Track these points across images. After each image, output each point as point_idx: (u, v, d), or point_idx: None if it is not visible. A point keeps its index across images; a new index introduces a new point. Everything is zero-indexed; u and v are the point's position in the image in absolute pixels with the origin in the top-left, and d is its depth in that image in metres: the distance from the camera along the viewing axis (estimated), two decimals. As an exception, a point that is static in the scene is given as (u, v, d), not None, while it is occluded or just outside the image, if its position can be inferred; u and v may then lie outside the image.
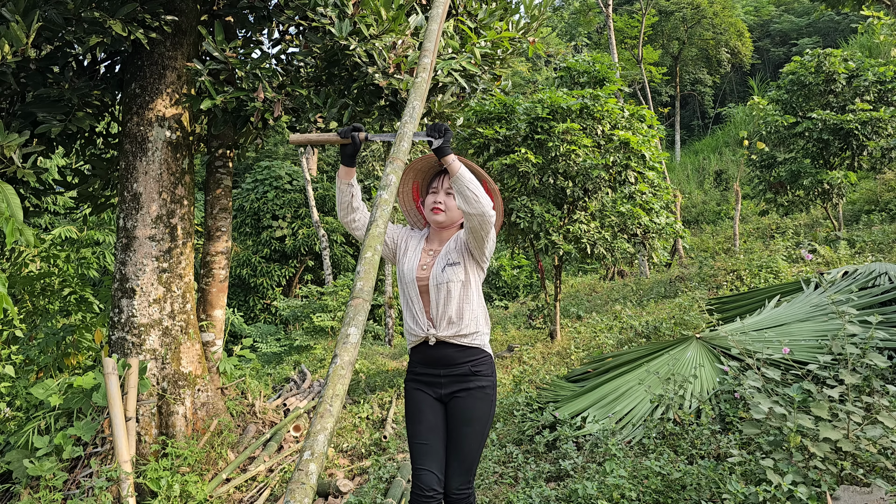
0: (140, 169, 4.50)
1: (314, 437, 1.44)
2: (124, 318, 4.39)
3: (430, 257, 2.44)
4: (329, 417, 1.48)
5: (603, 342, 6.53)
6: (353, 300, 1.69)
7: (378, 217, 1.87)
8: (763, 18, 35.56)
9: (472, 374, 2.35)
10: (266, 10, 4.56)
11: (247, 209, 18.10)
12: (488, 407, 2.37)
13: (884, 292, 4.19)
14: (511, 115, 6.63)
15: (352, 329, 1.63)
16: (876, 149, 9.87)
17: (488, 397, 2.37)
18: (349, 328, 1.63)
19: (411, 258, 2.45)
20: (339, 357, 1.58)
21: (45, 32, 3.73)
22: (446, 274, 2.33)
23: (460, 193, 2.17)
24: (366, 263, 1.77)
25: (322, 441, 1.43)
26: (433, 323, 2.35)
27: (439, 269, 2.35)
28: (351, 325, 1.63)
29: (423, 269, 2.41)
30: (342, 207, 2.40)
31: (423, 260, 2.44)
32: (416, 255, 2.46)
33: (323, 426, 1.46)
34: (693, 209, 20.27)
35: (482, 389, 2.36)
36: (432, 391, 2.39)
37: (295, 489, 1.34)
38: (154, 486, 3.81)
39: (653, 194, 6.95)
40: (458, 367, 2.34)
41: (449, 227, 2.49)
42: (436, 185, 2.46)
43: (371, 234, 1.82)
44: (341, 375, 1.54)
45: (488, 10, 4.74)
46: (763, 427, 2.67)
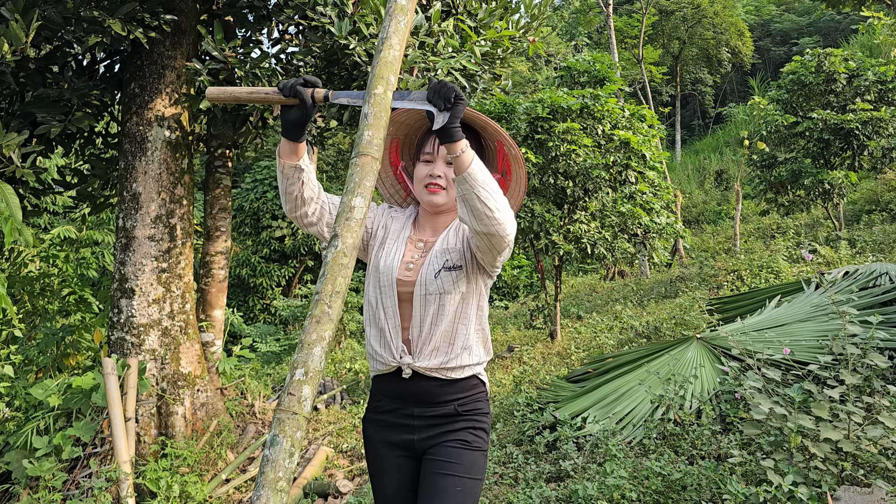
0: (139, 169, 4.49)
1: (308, 350, 1.12)
2: (123, 318, 4.38)
3: (420, 252, 1.74)
4: (327, 322, 1.15)
5: (603, 342, 6.53)
6: (358, 158, 1.27)
7: (392, 33, 1.41)
8: (764, 18, 35.55)
9: (460, 415, 1.69)
10: (265, 9, 4.56)
11: (246, 209, 18.10)
12: (479, 461, 1.68)
13: (884, 292, 4.18)
14: (511, 114, 6.62)
15: (357, 200, 1.25)
16: (877, 148, 9.87)
17: (480, 447, 1.69)
18: (353, 198, 1.25)
19: (391, 250, 1.73)
20: (339, 239, 1.22)
21: (45, 32, 3.72)
22: (441, 281, 1.64)
23: (466, 202, 1.48)
24: (376, 103, 1.33)
25: (318, 355, 1.13)
26: (410, 348, 1.67)
27: (431, 273, 1.65)
28: (356, 194, 1.25)
29: (408, 267, 1.70)
30: (288, 199, 1.66)
31: (408, 255, 1.73)
32: (398, 247, 1.74)
33: (320, 335, 1.14)
34: (694, 209, 20.26)
35: (472, 434, 1.69)
36: (401, 438, 1.71)
37: (284, 419, 1.06)
38: (153, 486, 3.81)
39: (653, 194, 6.94)
40: (439, 407, 1.69)
41: (449, 210, 1.77)
42: (429, 147, 1.70)
43: (383, 59, 1.39)
44: (343, 265, 1.20)
45: (488, 10, 4.73)
46: (764, 427, 2.66)
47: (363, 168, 1.27)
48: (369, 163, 1.28)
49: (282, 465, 1.03)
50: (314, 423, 5.62)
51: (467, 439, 1.69)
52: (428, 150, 1.71)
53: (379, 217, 1.83)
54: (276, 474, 1.02)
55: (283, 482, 1.02)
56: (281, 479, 1.02)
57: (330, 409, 6.00)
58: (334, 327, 1.17)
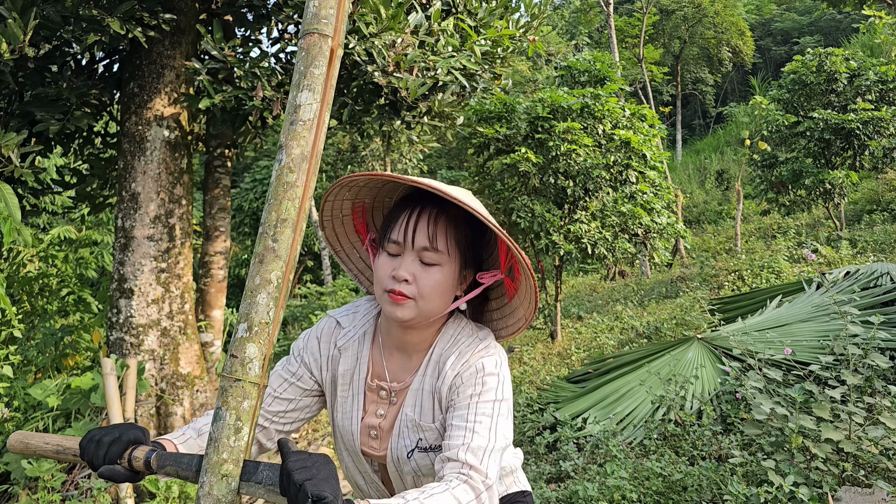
0: (138, 168, 4.48)
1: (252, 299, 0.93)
2: (122, 318, 4.37)
3: (385, 406, 1.27)
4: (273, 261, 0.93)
5: (604, 343, 6.51)
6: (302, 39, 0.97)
7: None
8: (765, 17, 35.54)
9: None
10: (265, 8, 4.55)
11: (245, 209, 18.09)
12: None
13: (885, 292, 4.17)
14: (511, 114, 6.61)
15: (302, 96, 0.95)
16: (877, 148, 9.85)
17: None
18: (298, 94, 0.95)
19: (346, 405, 1.28)
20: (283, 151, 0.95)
21: (43, 31, 3.71)
22: (416, 463, 1.23)
23: None
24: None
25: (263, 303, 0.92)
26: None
27: (403, 451, 1.23)
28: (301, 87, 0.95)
29: (370, 434, 1.27)
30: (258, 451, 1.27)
31: (369, 414, 1.28)
32: (353, 400, 1.28)
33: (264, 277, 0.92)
34: (694, 209, 20.24)
35: None
36: None
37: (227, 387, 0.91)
38: (152, 486, 3.79)
39: (654, 194, 6.93)
40: None
41: (423, 326, 1.25)
42: (397, 234, 1.19)
43: None
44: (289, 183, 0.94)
45: (489, 9, 4.72)
46: (764, 428, 2.64)
47: (308, 51, 0.95)
48: (316, 42, 0.96)
49: (226, 445, 0.87)
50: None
51: None
52: (395, 238, 1.18)
53: (322, 350, 1.31)
54: (220, 456, 0.86)
55: (230, 464, 0.86)
56: (226, 462, 0.86)
57: (330, 409, 5.99)
58: (284, 266, 0.93)
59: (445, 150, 23.97)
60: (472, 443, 1.09)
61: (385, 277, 1.18)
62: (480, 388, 1.16)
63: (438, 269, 1.19)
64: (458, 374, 1.19)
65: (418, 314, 1.19)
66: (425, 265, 1.18)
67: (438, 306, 1.20)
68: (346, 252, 1.41)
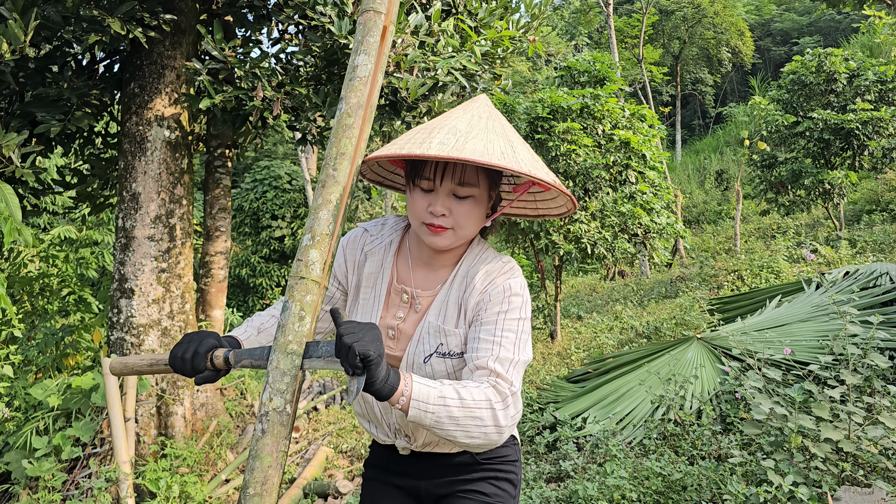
0: (139, 169, 4.48)
1: (315, 215, 1.11)
2: (123, 318, 4.38)
3: (406, 310, 1.33)
4: (333, 185, 1.12)
5: (603, 342, 6.52)
6: (361, 15, 1.21)
7: None
8: (764, 17, 35.55)
9: (478, 463, 1.40)
10: (265, 8, 4.55)
11: (246, 209, 18.09)
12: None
13: (885, 292, 4.17)
14: (511, 114, 6.62)
15: (360, 58, 1.16)
16: (877, 148, 9.86)
17: (503, 499, 1.38)
18: (356, 57, 1.17)
19: (367, 305, 1.35)
20: (343, 101, 1.15)
21: (44, 31, 3.71)
22: (431, 369, 1.28)
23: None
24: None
25: (325, 218, 1.10)
26: (404, 430, 1.37)
27: (420, 355, 1.28)
28: (359, 52, 1.17)
29: (388, 335, 1.33)
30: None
31: (389, 314, 1.34)
32: (375, 300, 1.34)
33: (325, 198, 1.11)
34: (694, 209, 20.25)
35: (493, 486, 1.39)
36: (405, 483, 1.45)
37: (293, 285, 1.07)
38: (153, 486, 3.80)
39: (653, 194, 6.93)
40: (449, 461, 1.40)
41: (454, 248, 1.34)
42: (429, 171, 1.25)
43: None
44: (347, 125, 1.14)
45: (489, 9, 4.73)
46: (764, 427, 2.65)
47: (365, 25, 1.20)
48: (371, 18, 1.20)
49: (292, 329, 1.06)
50: (314, 423, 5.61)
51: (486, 492, 1.37)
52: (427, 176, 1.25)
53: (348, 256, 1.39)
54: (287, 338, 1.04)
55: (294, 345, 1.04)
56: (291, 342, 1.04)
57: (330, 409, 5.99)
58: (341, 190, 1.13)
59: (445, 150, 23.90)
60: (500, 354, 1.20)
61: (421, 212, 1.26)
62: (507, 307, 1.25)
63: (471, 200, 1.26)
64: (485, 290, 1.27)
65: (455, 240, 1.28)
66: (459, 198, 1.25)
67: (473, 230, 1.29)
68: (390, 179, 1.49)
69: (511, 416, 1.16)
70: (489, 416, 1.13)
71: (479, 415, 1.12)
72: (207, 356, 1.17)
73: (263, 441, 0.99)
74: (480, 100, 1.35)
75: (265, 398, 1.02)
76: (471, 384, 1.16)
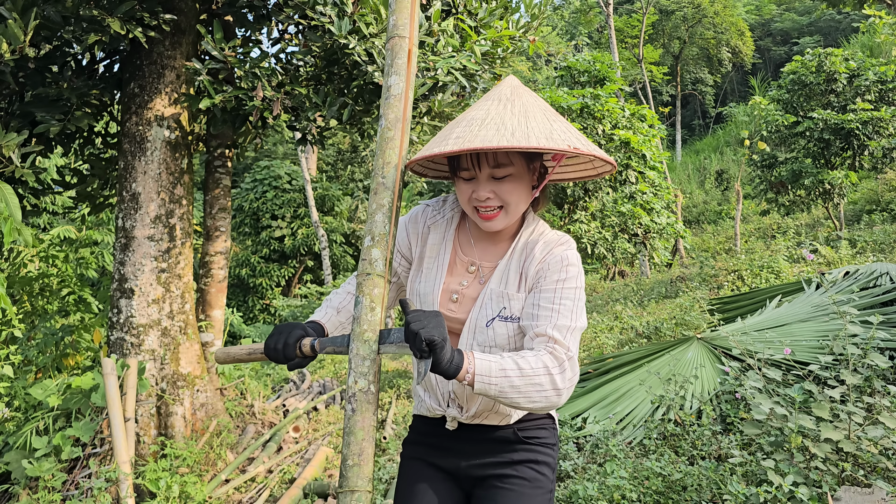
0: (139, 169, 4.48)
1: (372, 219, 1.25)
2: (123, 318, 4.38)
3: (469, 278, 1.42)
4: (384, 191, 1.27)
5: (603, 342, 6.52)
6: (389, 42, 1.35)
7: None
8: (764, 17, 35.56)
9: (520, 441, 1.43)
10: (265, 8, 4.55)
11: (246, 209, 18.09)
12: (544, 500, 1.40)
13: (885, 292, 4.17)
14: (511, 114, 6.62)
15: (392, 79, 1.31)
16: (877, 148, 9.86)
17: (543, 486, 1.41)
18: (389, 78, 1.32)
19: (430, 273, 1.44)
20: (383, 118, 1.30)
21: (44, 31, 3.71)
22: (493, 332, 1.35)
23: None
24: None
25: (381, 220, 1.25)
26: (458, 399, 1.42)
27: (482, 319, 1.36)
28: (391, 73, 1.32)
29: (452, 298, 1.41)
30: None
31: (452, 280, 1.43)
32: (437, 269, 1.43)
33: (379, 203, 1.26)
34: (694, 209, 20.26)
35: (533, 470, 1.41)
36: (446, 462, 1.47)
37: (362, 281, 1.21)
38: (153, 486, 3.80)
39: (654, 194, 6.93)
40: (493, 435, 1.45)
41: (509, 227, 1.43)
42: (466, 163, 1.33)
43: None
44: (389, 138, 1.29)
45: (489, 9, 4.73)
46: (764, 427, 2.65)
47: (394, 49, 1.34)
48: (398, 43, 1.35)
49: (366, 319, 1.19)
50: (314, 423, 5.61)
51: (527, 477, 1.40)
52: (465, 166, 1.34)
53: (410, 231, 1.50)
54: (362, 328, 1.18)
55: (369, 333, 1.18)
56: (367, 331, 1.18)
57: (330, 409, 5.99)
58: (391, 194, 1.27)
59: (445, 150, 23.93)
60: (558, 322, 1.29)
61: (468, 200, 1.36)
62: (565, 276, 1.33)
63: (512, 179, 1.33)
64: (544, 259, 1.36)
65: (508, 220, 1.36)
66: (499, 179, 1.32)
67: (522, 206, 1.37)
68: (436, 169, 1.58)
69: (568, 378, 1.25)
70: (548, 381, 1.23)
71: (538, 381, 1.22)
72: (297, 346, 1.30)
73: (355, 419, 1.11)
74: (506, 82, 1.41)
75: (351, 382, 1.14)
76: (528, 353, 1.25)
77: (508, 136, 1.21)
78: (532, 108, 1.31)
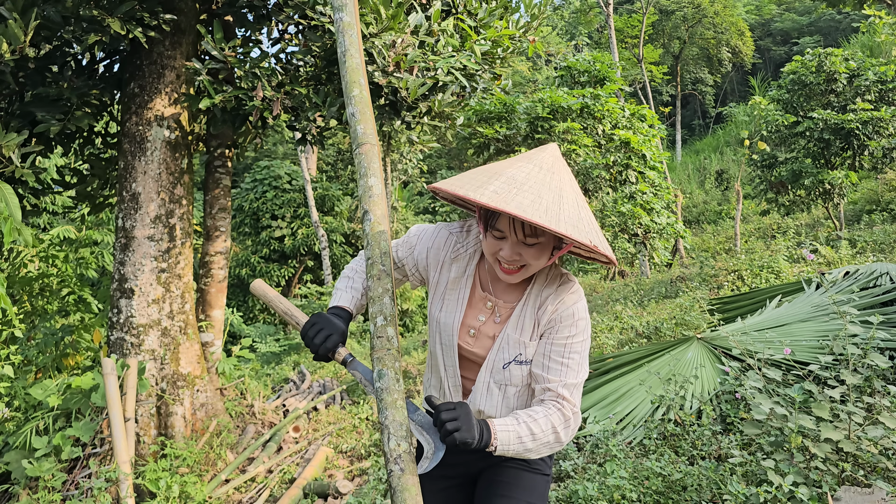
0: (139, 169, 4.48)
1: (380, 301, 1.38)
2: (123, 318, 4.37)
3: (487, 314, 1.50)
4: (385, 277, 1.41)
5: (603, 342, 6.51)
6: (360, 148, 1.49)
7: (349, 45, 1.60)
8: (764, 17, 35.56)
9: None
10: (265, 8, 4.55)
11: (246, 209, 18.09)
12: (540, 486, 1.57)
13: (885, 292, 4.17)
14: (511, 114, 6.62)
15: (372, 180, 1.47)
16: (877, 148, 9.86)
17: (541, 470, 1.59)
18: (369, 179, 1.47)
19: (451, 305, 1.51)
20: (370, 214, 1.46)
21: (44, 31, 3.71)
22: (509, 374, 1.47)
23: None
24: (357, 102, 1.53)
25: (388, 302, 1.38)
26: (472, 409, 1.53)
27: (500, 362, 1.47)
28: (369, 175, 1.47)
29: (469, 333, 1.50)
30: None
31: (471, 315, 1.51)
32: (458, 302, 1.51)
33: (384, 287, 1.40)
34: (694, 209, 20.26)
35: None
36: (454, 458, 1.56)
37: (383, 357, 1.31)
38: (153, 486, 3.80)
39: (654, 194, 6.93)
40: None
41: None
42: (503, 224, 1.37)
43: (349, 67, 1.57)
44: (380, 232, 1.44)
45: (488, 9, 4.73)
46: (764, 428, 2.65)
47: (367, 154, 1.48)
48: (370, 149, 1.49)
49: (394, 388, 1.29)
50: (314, 423, 5.61)
51: (527, 460, 1.56)
52: (500, 228, 1.37)
53: (432, 257, 1.55)
54: (392, 396, 1.27)
55: (400, 400, 1.27)
56: (397, 399, 1.27)
57: (330, 409, 5.99)
58: (391, 279, 1.41)
59: (445, 150, 23.98)
60: (567, 379, 1.42)
61: (494, 253, 1.41)
62: (575, 331, 1.44)
63: (539, 246, 1.39)
64: (556, 310, 1.45)
65: (525, 276, 1.43)
66: (527, 245, 1.38)
67: (542, 265, 1.43)
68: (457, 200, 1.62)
69: (572, 429, 1.42)
70: (554, 438, 1.40)
71: (546, 440, 1.39)
72: (333, 350, 1.39)
73: (405, 477, 1.20)
74: (549, 149, 1.44)
75: (393, 445, 1.23)
76: (539, 413, 1.39)
77: (542, 213, 1.26)
78: (567, 189, 1.36)
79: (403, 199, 18.55)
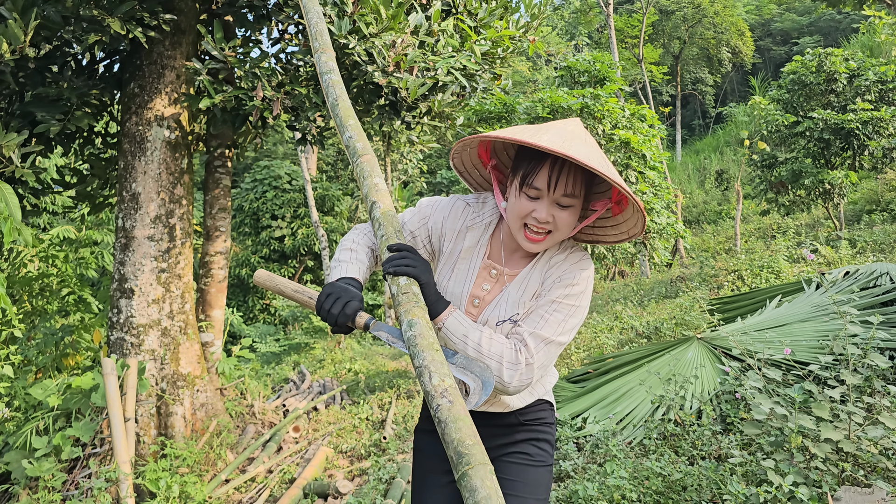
0: (139, 169, 4.48)
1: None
2: (123, 318, 4.38)
3: (491, 283, 1.48)
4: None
5: (603, 342, 6.51)
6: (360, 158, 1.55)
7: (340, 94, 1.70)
8: (764, 17, 35.57)
9: (521, 424, 1.56)
10: (265, 8, 4.55)
11: (246, 209, 18.10)
12: (544, 478, 1.53)
13: (885, 292, 4.17)
14: (511, 114, 6.62)
15: (377, 179, 1.52)
16: (877, 148, 9.86)
17: (544, 462, 1.55)
18: (374, 178, 1.52)
19: (461, 276, 1.49)
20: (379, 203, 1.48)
21: (44, 31, 3.71)
22: (503, 331, 1.43)
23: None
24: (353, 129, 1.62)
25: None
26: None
27: (494, 318, 1.44)
28: (374, 175, 1.52)
29: (474, 303, 1.48)
30: None
31: (477, 286, 1.48)
32: (469, 273, 1.49)
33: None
34: (694, 209, 20.26)
35: (535, 447, 1.55)
36: None
37: (411, 308, 1.27)
38: (153, 486, 3.80)
39: (654, 194, 6.93)
40: (498, 418, 1.57)
41: None
42: (540, 181, 1.32)
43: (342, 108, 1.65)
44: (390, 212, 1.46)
45: (488, 9, 4.73)
46: (764, 428, 2.65)
47: (369, 162, 1.53)
48: (370, 159, 1.53)
49: (428, 333, 1.22)
50: (314, 423, 5.61)
51: (530, 453, 1.53)
52: (537, 186, 1.32)
53: (448, 226, 1.53)
54: (428, 340, 1.23)
55: (436, 343, 1.22)
56: (433, 342, 1.22)
57: (330, 409, 5.99)
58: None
59: (445, 150, 23.98)
60: (539, 330, 1.36)
61: (525, 215, 1.36)
62: (569, 292, 1.39)
63: (572, 209, 1.36)
64: (562, 272, 1.42)
65: (549, 245, 1.40)
66: (561, 206, 1.35)
67: (567, 235, 1.40)
68: (469, 172, 1.61)
69: (517, 379, 1.32)
70: (495, 366, 1.32)
71: (488, 363, 1.31)
72: (353, 316, 1.29)
73: (455, 408, 1.16)
74: (575, 120, 1.43)
75: (436, 381, 1.20)
76: (499, 338, 1.35)
77: (601, 164, 1.24)
78: (598, 148, 1.35)
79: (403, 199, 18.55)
